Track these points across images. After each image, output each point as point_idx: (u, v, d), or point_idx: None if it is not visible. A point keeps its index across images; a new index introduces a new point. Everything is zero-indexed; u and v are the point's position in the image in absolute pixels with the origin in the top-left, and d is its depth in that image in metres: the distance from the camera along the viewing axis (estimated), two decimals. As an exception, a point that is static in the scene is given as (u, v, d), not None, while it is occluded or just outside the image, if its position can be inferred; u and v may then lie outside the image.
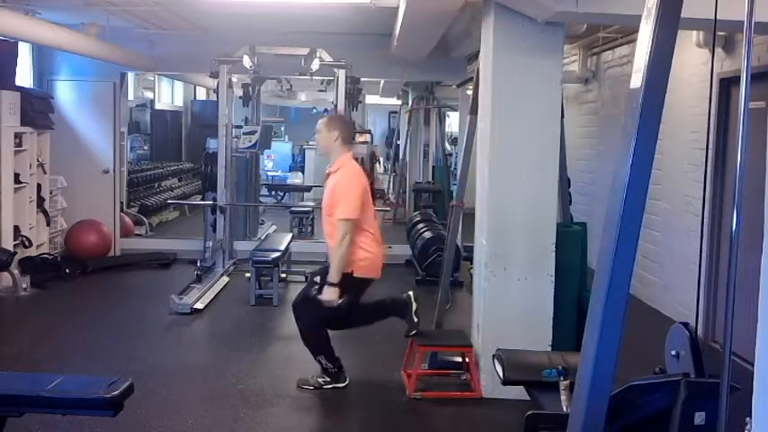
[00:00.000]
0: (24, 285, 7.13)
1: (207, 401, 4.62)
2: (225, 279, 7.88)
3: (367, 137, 10.70)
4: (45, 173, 7.94)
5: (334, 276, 4.59)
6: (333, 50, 8.09)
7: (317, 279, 4.76)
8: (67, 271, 7.84)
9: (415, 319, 4.86)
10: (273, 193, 14.63)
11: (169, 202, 11.51)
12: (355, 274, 4.68)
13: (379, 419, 4.49)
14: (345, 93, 8.21)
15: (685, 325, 2.61)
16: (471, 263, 5.86)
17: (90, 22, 7.64)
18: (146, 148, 13.77)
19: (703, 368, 2.51)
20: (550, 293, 4.65)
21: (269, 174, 16.15)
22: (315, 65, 8.09)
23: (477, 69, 5.18)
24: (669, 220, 6.79)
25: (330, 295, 4.59)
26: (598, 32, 7.82)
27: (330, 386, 4.82)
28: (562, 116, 4.81)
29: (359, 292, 4.80)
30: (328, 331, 4.87)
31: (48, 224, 7.99)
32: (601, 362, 2.24)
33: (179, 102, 15.81)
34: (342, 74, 8.12)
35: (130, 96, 12.33)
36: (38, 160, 7.73)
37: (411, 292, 4.98)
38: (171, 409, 4.49)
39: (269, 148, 12.80)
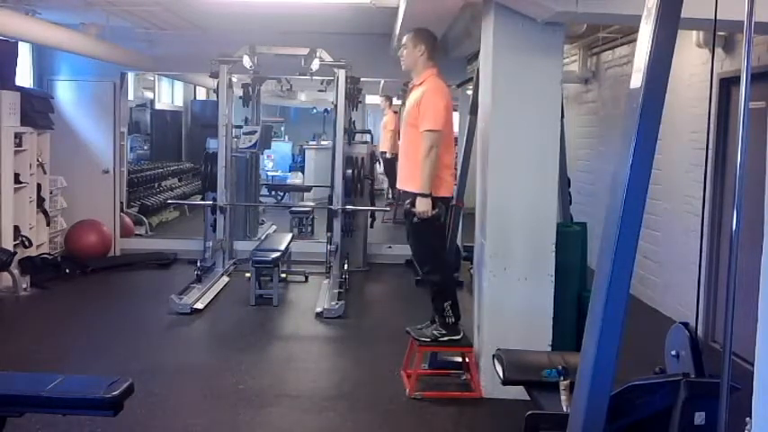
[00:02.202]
0: (24, 285, 7.13)
1: (207, 401, 4.62)
2: (225, 279, 7.88)
3: (367, 137, 10.70)
4: (45, 173, 7.94)
5: (425, 187, 4.55)
6: (333, 50, 8.09)
7: (406, 209, 4.73)
8: (67, 271, 7.84)
9: (430, 338, 4.84)
10: (273, 193, 14.62)
11: (169, 202, 11.51)
12: (435, 194, 4.64)
13: (379, 419, 4.48)
14: (345, 93, 8.21)
15: (685, 325, 2.61)
16: (471, 263, 5.86)
17: (90, 22, 7.64)
18: (146, 148, 13.76)
19: (703, 368, 2.51)
20: (550, 293, 4.65)
21: (269, 174, 16.14)
22: (315, 65, 8.09)
23: (477, 69, 5.18)
24: (669, 220, 6.79)
25: (423, 206, 4.57)
26: (598, 32, 7.81)
27: (446, 338, 4.80)
28: (562, 116, 4.81)
29: (442, 214, 4.74)
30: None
31: (48, 224, 7.99)
32: (601, 362, 2.24)
33: (179, 102, 15.81)
34: (342, 74, 8.12)
35: (130, 96, 12.33)
36: (38, 160, 7.73)
37: (464, 336, 4.90)
38: (171, 409, 4.49)
39: (269, 148, 12.81)
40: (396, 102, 14.13)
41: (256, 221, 10.61)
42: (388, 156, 13.32)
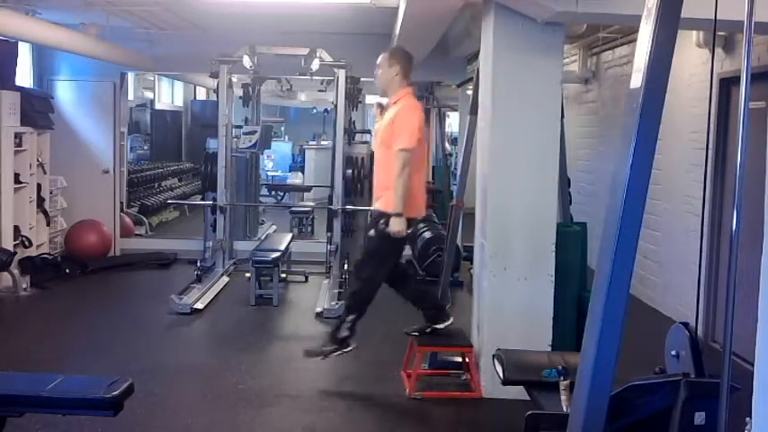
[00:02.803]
0: (24, 285, 7.13)
1: (207, 401, 4.62)
2: (225, 279, 7.88)
3: (367, 137, 10.69)
4: (45, 173, 7.94)
5: (399, 206, 4.55)
6: (333, 50, 8.09)
7: (372, 228, 4.75)
8: (67, 271, 7.84)
9: (428, 329, 4.85)
10: (273, 193, 14.63)
11: (169, 202, 11.52)
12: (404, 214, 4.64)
13: (379, 419, 4.48)
14: (345, 93, 8.21)
15: (685, 325, 2.61)
16: (471, 263, 5.86)
17: (90, 22, 7.64)
18: (146, 148, 13.77)
19: (703, 368, 2.51)
20: (550, 293, 4.65)
21: (269, 174, 16.15)
22: (315, 65, 8.09)
23: (477, 69, 5.18)
24: (669, 220, 6.79)
25: (397, 226, 4.56)
26: (598, 32, 7.81)
27: (337, 352, 4.82)
28: (562, 116, 4.81)
29: (409, 234, 4.77)
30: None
31: (48, 224, 7.99)
32: (601, 362, 2.24)
33: (179, 102, 15.81)
34: (342, 74, 8.12)
35: (130, 96, 12.33)
36: (38, 160, 7.73)
37: (452, 318, 4.96)
38: (171, 409, 4.49)
39: (269, 148, 12.82)
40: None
41: (256, 221, 10.61)
42: None
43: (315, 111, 18.47)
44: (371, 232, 4.79)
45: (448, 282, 5.86)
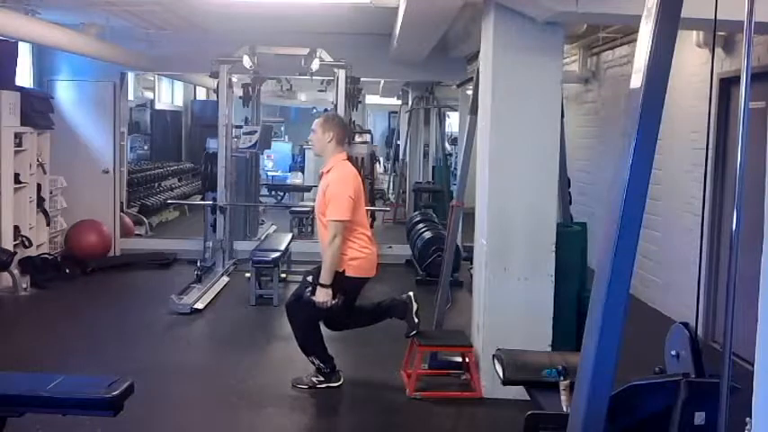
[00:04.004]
0: (24, 285, 7.13)
1: (207, 401, 4.62)
2: (225, 279, 7.88)
3: (367, 137, 10.71)
4: (45, 173, 7.94)
5: (325, 277, 4.57)
6: (333, 50, 8.09)
7: (310, 279, 4.74)
8: (67, 271, 7.84)
9: (416, 320, 4.86)
10: (273, 193, 14.63)
11: (169, 202, 11.51)
12: (347, 274, 4.68)
13: (379, 419, 4.49)
14: (345, 93, 8.21)
15: (685, 325, 2.61)
16: (471, 263, 5.86)
17: (90, 22, 7.64)
18: (146, 148, 13.77)
19: (703, 368, 2.51)
20: (550, 293, 4.65)
21: (269, 174, 16.15)
22: (315, 65, 8.09)
23: (477, 69, 5.18)
24: (669, 220, 6.79)
25: (322, 296, 4.57)
26: (598, 32, 7.81)
27: (324, 385, 4.82)
28: (562, 116, 4.81)
29: (353, 291, 4.80)
30: (325, 331, 4.87)
31: (48, 224, 7.99)
32: (601, 362, 2.24)
33: (179, 102, 15.81)
34: (342, 74, 8.12)
35: (130, 96, 12.33)
36: (38, 160, 7.73)
37: (411, 293, 4.97)
38: (171, 409, 4.50)
39: (269, 148, 12.82)
40: (396, 102, 14.13)
41: (256, 221, 10.61)
42: None
43: (315, 111, 18.45)
44: (307, 292, 4.69)
45: (448, 282, 5.86)
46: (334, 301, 4.59)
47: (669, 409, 2.50)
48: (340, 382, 4.86)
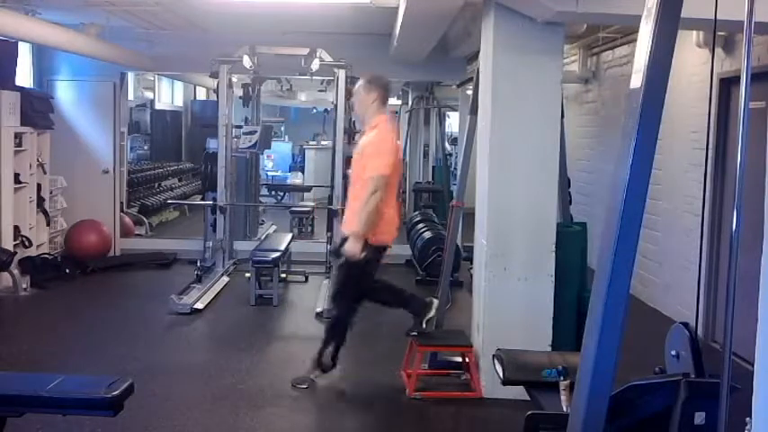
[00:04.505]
0: (24, 285, 7.13)
1: (207, 401, 4.62)
2: (225, 279, 7.88)
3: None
4: (45, 173, 7.94)
5: (359, 229, 4.57)
6: (333, 50, 8.09)
7: (341, 254, 4.73)
8: (67, 271, 7.84)
9: (424, 325, 4.86)
10: (273, 193, 14.63)
11: (169, 202, 11.51)
12: (370, 242, 4.65)
13: (379, 419, 4.49)
14: (345, 93, 8.21)
15: (685, 325, 2.61)
16: (471, 263, 5.86)
17: (90, 22, 7.64)
18: (146, 148, 13.77)
19: (703, 368, 2.51)
20: (550, 293, 4.65)
21: (269, 174, 16.15)
22: (315, 65, 8.09)
23: (477, 69, 5.18)
24: (669, 220, 6.79)
25: (352, 247, 4.58)
26: (598, 32, 7.82)
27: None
28: (562, 116, 4.81)
29: (374, 260, 4.78)
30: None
31: (48, 224, 7.99)
32: (601, 362, 2.24)
33: (179, 102, 15.81)
34: (342, 74, 8.12)
35: (130, 96, 12.33)
36: (38, 160, 7.73)
37: (436, 301, 4.97)
38: (171, 409, 4.49)
39: (269, 148, 12.80)
40: (396, 102, 14.12)
41: (256, 221, 10.61)
42: None
43: (315, 111, 18.46)
44: (341, 260, 4.80)
45: (448, 282, 5.86)
46: (363, 254, 4.58)
47: (669, 409, 2.50)
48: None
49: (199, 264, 7.69)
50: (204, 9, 7.34)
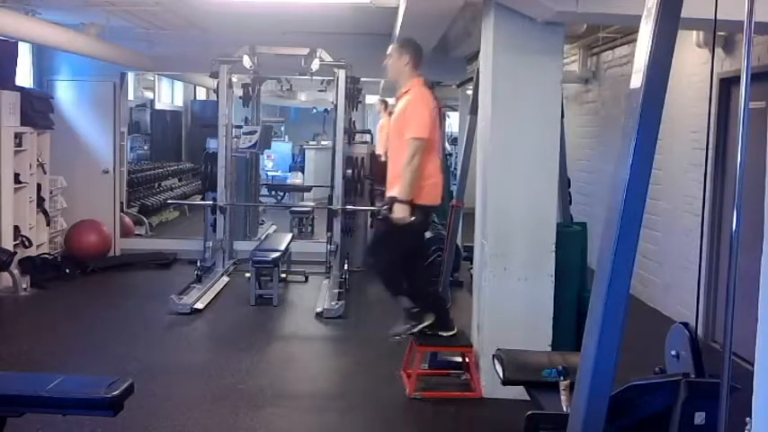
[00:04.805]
0: (24, 285, 7.13)
1: (207, 401, 4.62)
2: (225, 279, 7.88)
3: (367, 137, 10.70)
4: (45, 173, 7.94)
5: (404, 193, 4.56)
6: (333, 50, 8.09)
7: (383, 214, 4.71)
8: (67, 271, 7.84)
9: (415, 329, 4.83)
10: (273, 193, 14.62)
11: (169, 202, 11.51)
12: (416, 202, 4.64)
13: (379, 419, 4.48)
14: (345, 93, 8.21)
15: (685, 325, 2.61)
16: (471, 263, 5.86)
17: (90, 22, 7.64)
18: (146, 148, 13.76)
19: (703, 368, 2.52)
20: (550, 293, 4.65)
21: (269, 174, 16.13)
22: (315, 65, 8.09)
23: (477, 69, 5.18)
24: (669, 220, 6.79)
25: (400, 212, 4.56)
26: (598, 32, 7.81)
27: (417, 328, 4.81)
28: (562, 116, 4.81)
29: (423, 222, 4.78)
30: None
31: (48, 224, 7.99)
32: (601, 362, 2.24)
33: (179, 102, 15.81)
34: (342, 74, 8.12)
35: (130, 96, 12.33)
36: (38, 160, 7.73)
37: (455, 330, 4.94)
38: (171, 409, 4.49)
39: (269, 148, 12.79)
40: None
41: (256, 221, 10.60)
42: (383, 158, 13.35)
43: (315, 111, 18.45)
44: (384, 209, 4.79)
45: (448, 282, 5.86)
46: (411, 218, 4.57)
47: (669, 409, 2.50)
48: (432, 320, 4.84)
49: (199, 264, 7.69)
50: (204, 9, 7.34)
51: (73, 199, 8.62)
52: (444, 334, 4.89)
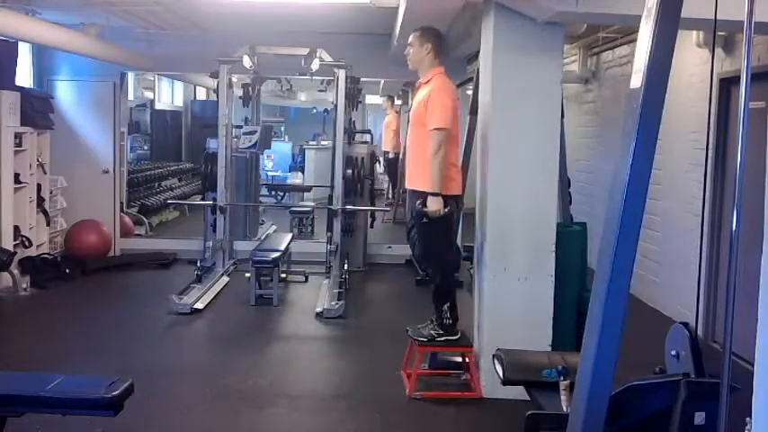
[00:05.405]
0: (24, 285, 7.13)
1: (207, 401, 4.62)
2: (225, 279, 7.88)
3: (367, 137, 10.71)
4: (45, 173, 7.94)
5: (435, 186, 4.54)
6: (333, 50, 8.09)
7: (417, 210, 4.67)
8: (67, 271, 7.84)
9: (440, 339, 4.83)
10: (273, 193, 14.62)
11: (169, 202, 11.50)
12: (446, 192, 4.62)
13: (379, 419, 4.48)
14: (345, 93, 8.21)
15: (685, 325, 2.61)
16: (471, 263, 5.86)
17: (90, 22, 7.64)
18: (146, 148, 13.75)
19: (703, 368, 2.52)
20: (550, 293, 4.65)
21: (269, 174, 16.12)
22: (315, 65, 8.09)
23: (477, 69, 5.18)
24: (669, 220, 6.79)
25: (435, 205, 4.55)
26: (598, 32, 7.81)
27: (443, 338, 4.82)
28: (562, 116, 4.81)
29: (455, 212, 4.77)
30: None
31: (48, 224, 7.99)
32: (601, 362, 2.24)
33: (179, 102, 15.81)
34: (342, 74, 8.12)
35: (130, 96, 12.32)
36: (38, 160, 7.73)
37: (459, 334, 4.92)
38: (171, 409, 4.49)
39: (269, 148, 12.80)
40: (397, 102, 14.12)
41: (256, 221, 10.60)
42: (390, 155, 13.38)
43: (315, 111, 18.44)
44: (416, 220, 4.75)
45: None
46: (446, 209, 4.56)
47: (669, 409, 2.50)
48: (458, 336, 4.84)
49: (199, 264, 7.69)
50: (204, 9, 7.34)
51: (73, 199, 8.62)
52: (451, 338, 4.89)
